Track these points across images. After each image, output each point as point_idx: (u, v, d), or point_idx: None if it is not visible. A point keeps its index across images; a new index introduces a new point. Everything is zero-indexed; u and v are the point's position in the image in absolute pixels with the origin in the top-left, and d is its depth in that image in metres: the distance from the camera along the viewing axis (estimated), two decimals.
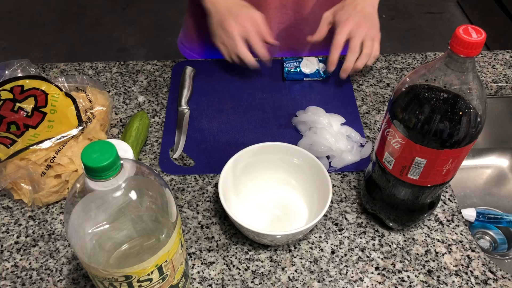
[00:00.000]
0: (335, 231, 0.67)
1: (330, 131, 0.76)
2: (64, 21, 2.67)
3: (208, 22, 0.87)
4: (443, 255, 0.65)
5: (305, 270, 0.63)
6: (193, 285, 0.61)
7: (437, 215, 0.69)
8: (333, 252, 0.65)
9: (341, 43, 0.81)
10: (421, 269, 0.63)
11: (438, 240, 0.66)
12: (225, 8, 0.82)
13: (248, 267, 0.63)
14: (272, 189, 0.71)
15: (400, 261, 0.64)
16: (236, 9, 0.81)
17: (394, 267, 0.63)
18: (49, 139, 0.67)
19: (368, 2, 0.84)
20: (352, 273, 0.62)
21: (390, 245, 0.66)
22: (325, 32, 0.84)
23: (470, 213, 0.87)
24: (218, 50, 0.86)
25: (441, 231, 0.67)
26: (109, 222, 0.43)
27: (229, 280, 0.61)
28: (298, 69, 0.89)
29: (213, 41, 0.85)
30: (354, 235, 0.67)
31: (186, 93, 0.85)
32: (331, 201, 0.70)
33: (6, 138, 0.67)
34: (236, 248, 0.65)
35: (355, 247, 0.65)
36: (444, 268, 0.63)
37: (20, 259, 0.64)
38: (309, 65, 0.89)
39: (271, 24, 0.92)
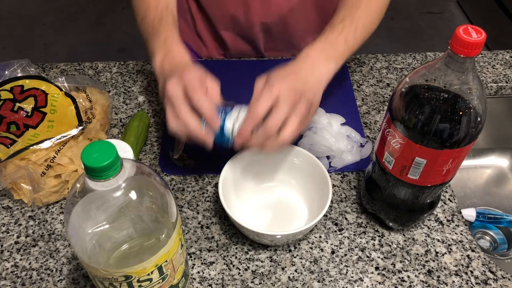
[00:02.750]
0: (335, 231, 0.67)
1: (330, 131, 0.76)
2: (64, 21, 2.66)
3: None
4: (443, 255, 0.65)
5: (305, 270, 0.63)
6: (193, 285, 0.61)
7: (437, 215, 0.69)
8: (333, 252, 0.65)
9: (259, 115, 0.57)
10: (421, 269, 0.63)
11: (438, 240, 0.66)
12: (169, 69, 0.64)
13: (248, 267, 0.63)
14: (272, 189, 0.71)
15: (400, 261, 0.64)
16: (179, 68, 0.62)
17: (394, 267, 0.63)
18: (49, 139, 0.67)
19: (316, 74, 0.63)
20: (352, 273, 0.62)
21: (390, 245, 0.66)
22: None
23: (470, 213, 0.87)
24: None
25: (441, 231, 0.67)
26: (109, 222, 0.43)
27: (229, 280, 0.61)
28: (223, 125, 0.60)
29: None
30: (354, 235, 0.67)
31: None
32: (331, 201, 0.70)
33: (6, 138, 0.67)
34: (236, 248, 0.65)
35: (355, 247, 0.65)
36: (444, 268, 0.63)
37: (20, 259, 0.64)
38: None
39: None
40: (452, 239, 0.66)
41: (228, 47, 0.92)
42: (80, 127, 0.71)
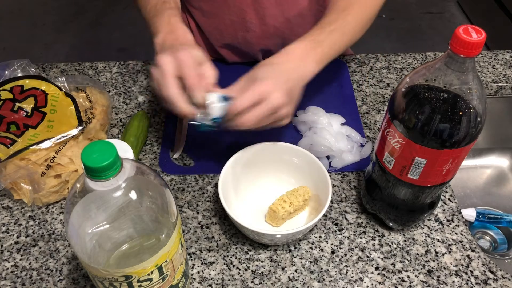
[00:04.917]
0: (335, 231, 0.67)
1: (330, 131, 0.76)
2: (64, 21, 2.66)
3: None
4: (443, 255, 0.65)
5: (305, 270, 0.63)
6: (193, 285, 0.61)
7: (437, 215, 0.69)
8: (333, 252, 0.65)
9: (240, 108, 0.58)
10: (421, 269, 0.63)
11: (438, 240, 0.66)
12: (169, 46, 0.63)
13: (248, 267, 0.63)
14: (272, 188, 0.71)
15: (400, 261, 0.64)
16: (178, 46, 0.62)
17: (394, 267, 0.63)
18: (49, 139, 0.67)
19: (300, 72, 0.62)
20: (352, 273, 0.62)
21: (390, 245, 0.66)
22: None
23: (470, 213, 0.87)
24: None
25: (441, 231, 0.67)
26: (109, 222, 0.43)
27: (229, 280, 0.61)
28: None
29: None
30: (354, 235, 0.67)
31: None
32: (331, 201, 0.70)
33: (6, 138, 0.67)
34: (236, 248, 0.65)
35: (355, 247, 0.65)
36: (444, 268, 0.63)
37: (20, 259, 0.64)
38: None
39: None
40: (452, 239, 0.66)
41: (226, 60, 0.93)
42: (80, 127, 0.71)
